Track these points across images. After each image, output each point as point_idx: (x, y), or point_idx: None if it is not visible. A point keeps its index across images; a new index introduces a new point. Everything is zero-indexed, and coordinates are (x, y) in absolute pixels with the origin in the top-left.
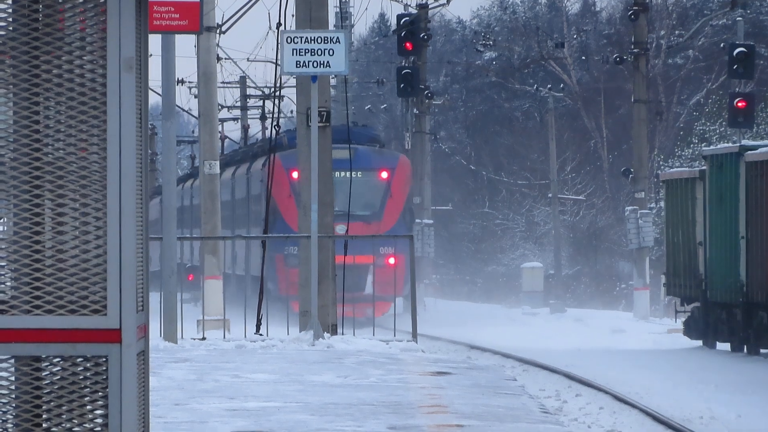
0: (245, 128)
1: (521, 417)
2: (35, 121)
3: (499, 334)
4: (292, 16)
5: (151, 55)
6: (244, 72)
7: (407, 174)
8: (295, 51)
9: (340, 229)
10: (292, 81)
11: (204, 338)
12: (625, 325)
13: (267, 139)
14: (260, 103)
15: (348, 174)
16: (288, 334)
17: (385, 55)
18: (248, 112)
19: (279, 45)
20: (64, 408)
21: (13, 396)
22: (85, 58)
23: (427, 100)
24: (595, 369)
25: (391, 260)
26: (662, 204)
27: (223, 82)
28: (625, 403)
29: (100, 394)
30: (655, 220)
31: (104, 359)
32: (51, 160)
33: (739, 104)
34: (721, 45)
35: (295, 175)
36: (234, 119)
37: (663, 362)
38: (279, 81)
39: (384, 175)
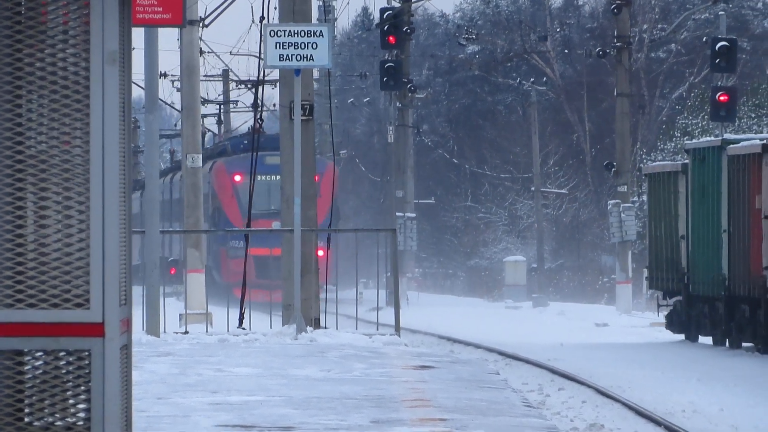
0: (203, 134)
1: (504, 411)
2: (18, 114)
3: (481, 328)
4: (275, 9)
5: (134, 48)
6: (227, 65)
7: (334, 178)
8: (278, 44)
9: (276, 225)
10: (275, 75)
11: (187, 332)
12: (608, 319)
13: (218, 144)
14: (244, 97)
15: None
16: (271, 327)
17: (368, 48)
18: (230, 106)
19: (262, 38)
20: (46, 402)
21: None
22: (68, 51)
23: (410, 94)
24: (577, 363)
25: (320, 252)
26: (645, 198)
27: (205, 76)
28: (608, 396)
29: (82, 388)
30: (638, 214)
31: (87, 353)
32: (33, 153)
33: (722, 98)
34: (704, 39)
35: (237, 178)
36: (215, 114)
37: (645, 356)
38: (262, 74)
39: (315, 178)
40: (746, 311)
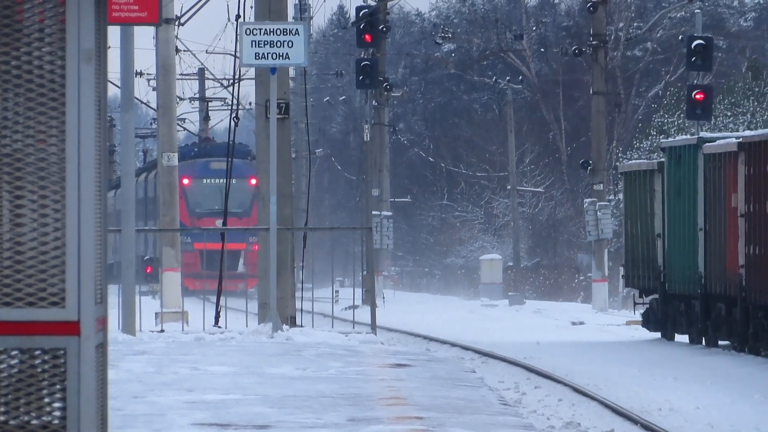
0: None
1: (481, 409)
2: None
3: (457, 326)
4: (251, 8)
5: (109, 47)
6: (203, 64)
7: None
8: (254, 43)
9: (219, 223)
10: (251, 73)
11: (163, 330)
12: (584, 317)
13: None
14: (220, 95)
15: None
16: (247, 326)
17: (344, 47)
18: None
19: (238, 37)
20: (21, 401)
21: None
22: (44, 49)
23: (386, 92)
24: (553, 361)
25: (257, 246)
26: (621, 196)
27: (181, 74)
28: (584, 395)
29: (58, 386)
30: (614, 212)
31: (63, 352)
32: (9, 152)
33: (698, 96)
34: (680, 37)
35: (185, 181)
36: (191, 100)
37: (622, 354)
38: (238, 73)
39: (253, 181)
40: (722, 309)
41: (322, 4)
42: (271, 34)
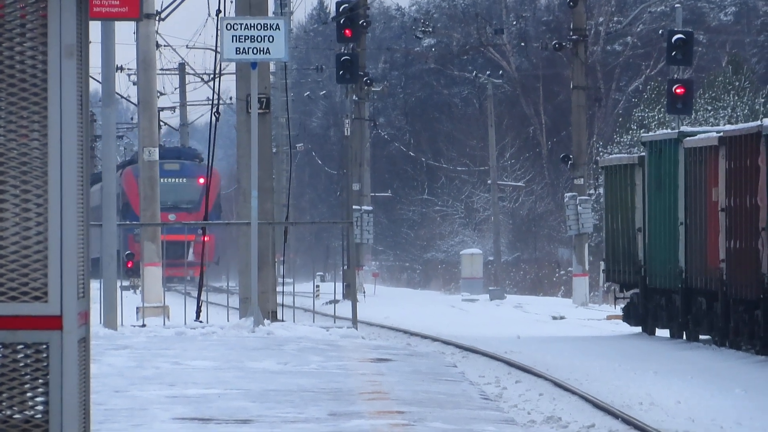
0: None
1: (462, 403)
2: None
3: (438, 321)
4: (232, 2)
5: (90, 42)
6: (183, 59)
7: (218, 180)
8: (234, 38)
9: (172, 217)
10: (232, 68)
11: (144, 325)
12: (565, 312)
13: (131, 158)
14: (201, 90)
15: (177, 180)
16: (228, 320)
17: (325, 41)
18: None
19: (219, 32)
20: (4, 395)
21: None
22: (25, 44)
23: (366, 87)
24: (534, 355)
25: (206, 238)
26: (601, 190)
27: (162, 69)
28: (565, 389)
29: (40, 380)
30: (594, 207)
31: (45, 346)
32: None
33: (678, 91)
34: (660, 32)
35: None
36: (171, 108)
37: (602, 349)
38: (219, 68)
39: (201, 180)
40: (703, 304)
41: None
42: (252, 29)
